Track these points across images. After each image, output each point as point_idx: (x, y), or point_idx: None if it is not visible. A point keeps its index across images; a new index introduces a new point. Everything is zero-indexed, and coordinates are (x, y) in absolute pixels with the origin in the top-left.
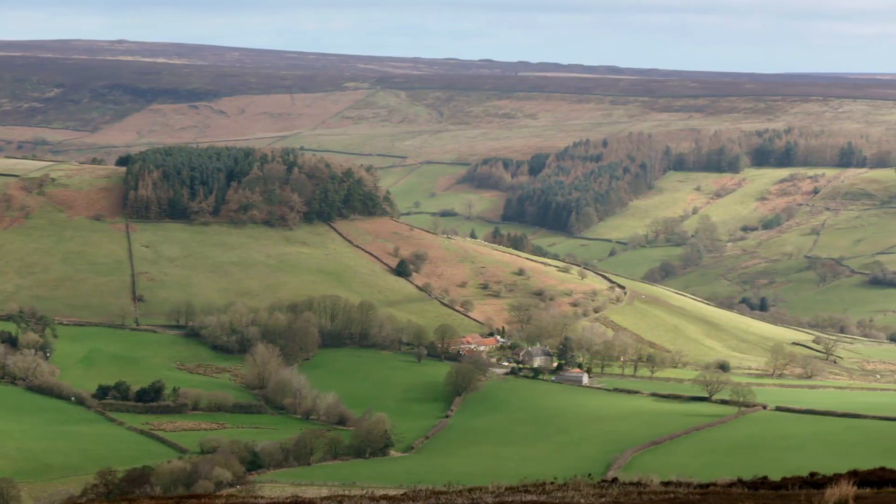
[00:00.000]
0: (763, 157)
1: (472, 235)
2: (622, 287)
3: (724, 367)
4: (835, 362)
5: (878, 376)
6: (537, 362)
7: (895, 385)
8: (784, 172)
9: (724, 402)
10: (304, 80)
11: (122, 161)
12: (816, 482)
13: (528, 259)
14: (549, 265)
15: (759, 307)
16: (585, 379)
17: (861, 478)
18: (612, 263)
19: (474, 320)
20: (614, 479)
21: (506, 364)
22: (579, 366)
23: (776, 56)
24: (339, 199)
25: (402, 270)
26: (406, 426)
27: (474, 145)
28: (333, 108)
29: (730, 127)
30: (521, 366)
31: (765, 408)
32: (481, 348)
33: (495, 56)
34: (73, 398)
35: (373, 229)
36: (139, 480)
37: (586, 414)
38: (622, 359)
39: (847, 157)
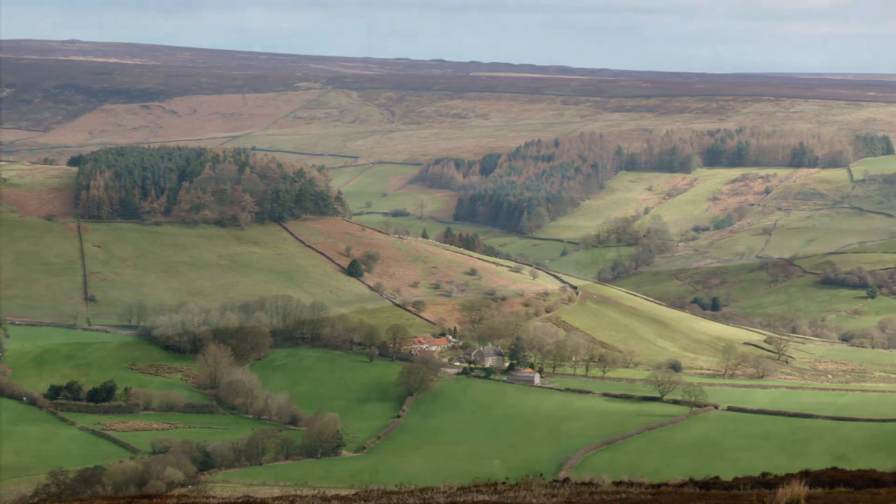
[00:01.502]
0: (715, 157)
1: (424, 235)
2: (574, 287)
3: (675, 367)
4: (787, 362)
5: (830, 376)
6: (489, 362)
7: (847, 385)
8: (736, 172)
9: (675, 402)
10: (255, 80)
11: (74, 161)
12: (768, 482)
13: (479, 259)
14: (501, 265)
15: (711, 307)
16: (537, 379)
17: (813, 478)
18: (564, 263)
19: (426, 320)
20: (566, 479)
21: (458, 364)
22: (531, 366)
23: (727, 56)
24: (290, 199)
25: (353, 270)
26: (358, 426)
27: (426, 145)
28: (285, 108)
29: (681, 127)
30: (472, 366)
31: (716, 408)
32: (433, 348)
33: (447, 56)
34: (24, 398)
35: (324, 229)
36: (91, 480)
37: (538, 414)
38: (574, 359)
39: (799, 157)
